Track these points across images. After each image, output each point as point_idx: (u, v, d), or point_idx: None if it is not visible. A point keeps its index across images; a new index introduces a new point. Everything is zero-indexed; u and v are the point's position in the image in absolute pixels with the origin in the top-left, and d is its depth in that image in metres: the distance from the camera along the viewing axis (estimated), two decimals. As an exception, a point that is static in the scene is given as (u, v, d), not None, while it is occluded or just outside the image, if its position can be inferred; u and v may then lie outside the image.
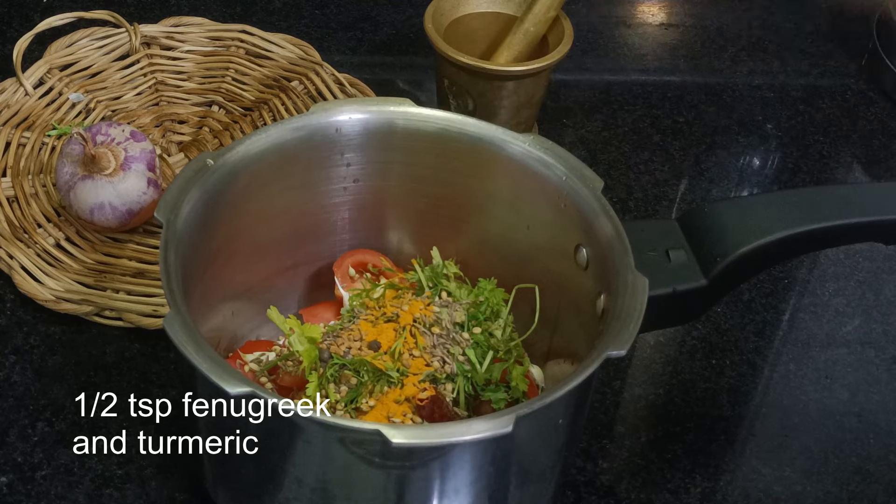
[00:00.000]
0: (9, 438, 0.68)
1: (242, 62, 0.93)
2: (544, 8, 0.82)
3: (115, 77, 0.91)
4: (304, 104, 0.89)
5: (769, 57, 1.04)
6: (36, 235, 0.79)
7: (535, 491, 0.64)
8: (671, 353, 0.77)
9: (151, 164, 0.77)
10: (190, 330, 0.55)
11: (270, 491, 0.60)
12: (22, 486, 0.66)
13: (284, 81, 0.91)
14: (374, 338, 0.64)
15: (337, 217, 0.71)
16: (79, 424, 0.69)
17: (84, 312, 0.74)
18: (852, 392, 0.76)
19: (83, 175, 0.76)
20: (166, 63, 0.93)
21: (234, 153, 0.64)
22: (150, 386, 0.72)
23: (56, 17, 0.93)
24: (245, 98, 0.91)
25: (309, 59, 0.93)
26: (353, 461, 0.56)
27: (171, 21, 0.95)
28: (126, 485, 0.67)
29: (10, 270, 0.76)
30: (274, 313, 0.65)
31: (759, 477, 0.71)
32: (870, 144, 0.96)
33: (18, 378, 0.72)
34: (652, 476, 0.70)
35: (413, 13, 1.02)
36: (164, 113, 0.89)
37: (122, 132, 0.77)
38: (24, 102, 0.88)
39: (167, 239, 0.60)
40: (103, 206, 0.76)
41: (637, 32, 1.06)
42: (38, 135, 0.85)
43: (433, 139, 0.67)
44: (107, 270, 0.77)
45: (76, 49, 0.92)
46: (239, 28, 0.95)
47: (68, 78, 0.90)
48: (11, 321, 0.75)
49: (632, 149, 0.93)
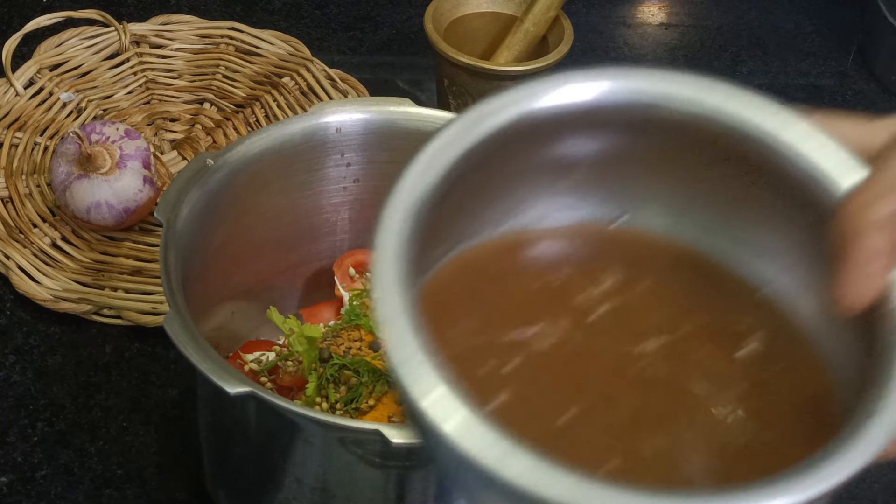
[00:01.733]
0: (9, 438, 0.68)
1: (232, 59, 0.93)
2: (544, 8, 0.82)
3: (105, 76, 0.91)
4: (296, 100, 0.90)
5: (769, 57, 1.04)
6: (32, 235, 0.79)
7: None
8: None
9: (146, 161, 0.77)
10: (190, 330, 0.55)
11: (270, 491, 0.60)
12: (22, 486, 0.66)
13: (275, 78, 0.92)
14: (373, 338, 0.64)
15: (337, 217, 0.71)
16: (79, 424, 0.69)
17: (83, 311, 0.74)
18: (852, 392, 0.76)
19: (79, 174, 0.76)
20: (156, 61, 0.93)
21: (233, 153, 0.64)
22: (150, 386, 0.72)
23: (44, 16, 0.93)
24: (236, 95, 0.91)
25: (299, 55, 0.93)
26: (353, 461, 0.56)
27: (159, 19, 0.95)
28: (126, 485, 0.67)
29: (7, 271, 0.76)
30: (274, 313, 0.65)
31: (759, 477, 0.71)
32: (869, 144, 0.96)
33: (18, 378, 0.72)
34: (652, 476, 0.70)
35: (413, 13, 1.02)
36: (155, 111, 0.89)
37: (117, 130, 0.77)
38: (15, 103, 0.88)
39: (167, 239, 0.60)
40: (100, 204, 0.76)
41: (637, 32, 1.06)
42: (31, 135, 0.85)
43: None
44: (104, 269, 0.77)
45: (66, 48, 0.92)
46: (228, 25, 0.95)
47: (58, 77, 0.90)
48: (11, 321, 0.75)
49: (631, 149, 0.93)
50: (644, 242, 0.48)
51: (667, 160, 0.46)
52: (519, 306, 0.46)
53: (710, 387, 0.43)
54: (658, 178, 0.47)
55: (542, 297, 0.46)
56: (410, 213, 0.40)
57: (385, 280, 0.37)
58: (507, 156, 0.45)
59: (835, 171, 0.41)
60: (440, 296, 0.44)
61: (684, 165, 0.46)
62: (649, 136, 0.45)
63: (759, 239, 0.47)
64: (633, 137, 0.46)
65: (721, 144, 0.43)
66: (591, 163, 0.47)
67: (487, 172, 0.45)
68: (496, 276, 0.47)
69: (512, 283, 0.46)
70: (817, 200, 0.41)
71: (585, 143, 0.46)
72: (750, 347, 0.45)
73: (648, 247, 0.48)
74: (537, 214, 0.48)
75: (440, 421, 0.33)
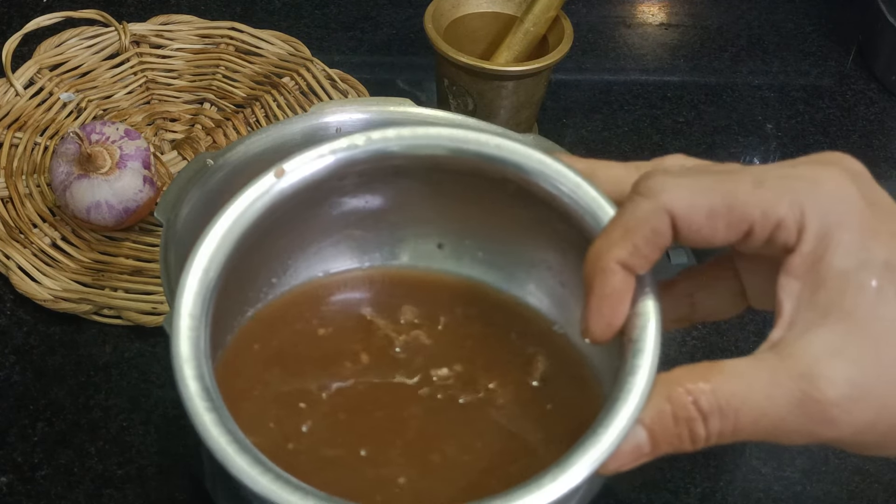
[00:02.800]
0: (9, 438, 0.68)
1: (232, 59, 0.93)
2: (544, 8, 0.82)
3: (105, 76, 0.91)
4: (296, 100, 0.90)
5: (769, 57, 1.04)
6: (32, 235, 0.79)
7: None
8: (671, 353, 0.77)
9: (146, 161, 0.77)
10: (190, 330, 0.55)
11: (270, 491, 0.60)
12: (22, 486, 0.66)
13: (276, 78, 0.92)
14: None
15: (336, 217, 0.71)
16: (79, 424, 0.69)
17: (83, 311, 0.74)
18: (852, 392, 0.76)
19: (79, 174, 0.76)
20: (156, 61, 0.93)
21: (234, 153, 0.64)
22: (150, 386, 0.72)
23: (44, 16, 0.93)
24: (236, 95, 0.91)
25: (299, 56, 0.94)
26: (353, 461, 0.56)
27: (159, 19, 0.95)
28: (126, 485, 0.67)
29: (7, 271, 0.76)
30: (273, 313, 0.65)
31: (759, 477, 0.71)
32: (870, 144, 0.96)
33: (18, 378, 0.72)
34: (652, 476, 0.70)
35: (413, 13, 1.02)
36: (155, 111, 0.89)
37: (117, 130, 0.77)
38: (15, 103, 0.88)
39: (167, 239, 0.60)
40: (100, 204, 0.76)
41: (637, 32, 1.06)
42: (31, 135, 0.85)
43: None
44: (104, 269, 0.77)
45: (65, 48, 0.92)
46: (228, 25, 0.95)
47: (58, 78, 0.90)
48: (11, 321, 0.75)
49: (632, 149, 0.93)
50: (435, 281, 0.53)
51: (455, 201, 0.51)
52: (322, 350, 0.50)
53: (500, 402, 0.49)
54: (453, 215, 0.52)
55: (344, 338, 0.50)
56: (204, 290, 0.45)
57: (182, 356, 0.43)
58: (299, 212, 0.49)
59: (594, 208, 0.45)
60: (246, 352, 0.50)
61: (470, 205, 0.51)
62: (431, 181, 0.50)
63: (545, 275, 0.52)
64: (424, 183, 0.50)
65: (510, 185, 0.48)
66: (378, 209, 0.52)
67: (280, 233, 0.50)
68: (296, 324, 0.51)
69: (313, 329, 0.51)
70: (588, 229, 0.45)
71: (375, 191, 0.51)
72: (538, 371, 0.50)
73: (440, 285, 0.53)
74: (334, 262, 0.53)
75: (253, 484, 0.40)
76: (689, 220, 0.41)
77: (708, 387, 0.39)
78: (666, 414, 0.40)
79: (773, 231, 0.40)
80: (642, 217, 0.41)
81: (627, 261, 0.41)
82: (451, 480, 0.46)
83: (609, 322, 0.42)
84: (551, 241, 0.50)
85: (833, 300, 0.40)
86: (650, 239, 0.41)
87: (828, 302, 0.40)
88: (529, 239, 0.51)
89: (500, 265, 0.52)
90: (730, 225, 0.41)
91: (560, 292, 0.51)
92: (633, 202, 0.42)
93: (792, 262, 0.41)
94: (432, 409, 0.48)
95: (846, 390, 0.39)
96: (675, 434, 0.40)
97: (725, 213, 0.40)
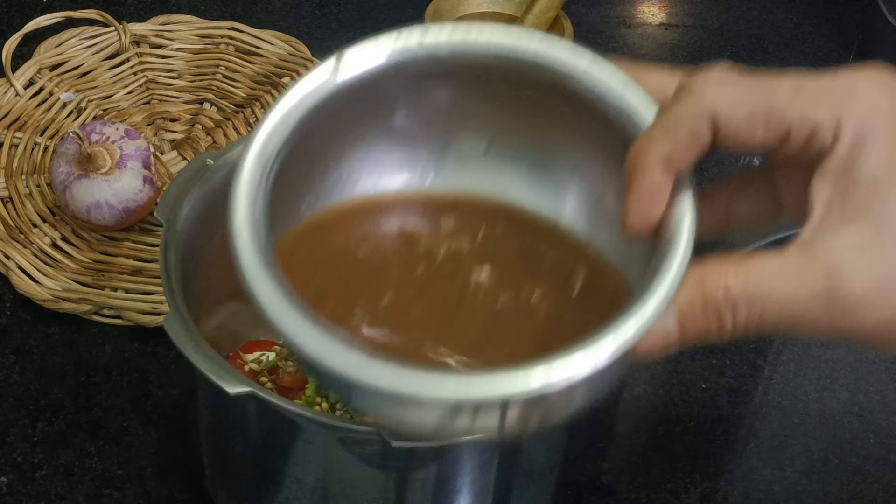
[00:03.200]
0: (9, 438, 0.68)
1: (232, 59, 0.94)
2: (544, 8, 0.82)
3: (105, 76, 0.91)
4: (297, 100, 0.90)
5: (769, 57, 1.04)
6: (32, 235, 0.79)
7: (536, 491, 0.63)
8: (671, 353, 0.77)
9: (146, 161, 0.77)
10: (190, 330, 0.55)
11: (270, 491, 0.60)
12: (22, 486, 0.66)
13: (275, 78, 0.92)
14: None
15: (336, 216, 0.71)
16: (79, 424, 0.69)
17: (83, 311, 0.74)
18: (852, 392, 0.76)
19: (79, 174, 0.76)
20: (156, 61, 0.93)
21: (234, 153, 0.64)
22: (150, 386, 0.72)
23: (44, 16, 0.93)
24: (236, 95, 0.91)
25: (299, 56, 0.94)
26: (353, 461, 0.56)
27: (159, 19, 0.95)
28: (126, 485, 0.67)
29: (7, 271, 0.76)
30: (274, 313, 0.65)
31: (759, 477, 0.71)
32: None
33: (18, 378, 0.72)
34: (652, 476, 0.70)
35: (413, 13, 1.02)
36: (155, 111, 0.89)
37: (117, 130, 0.77)
38: (15, 103, 0.88)
39: (167, 239, 0.60)
40: (100, 204, 0.76)
41: (637, 32, 1.06)
42: (31, 135, 0.85)
43: None
44: (104, 269, 0.77)
45: (65, 48, 0.92)
46: (228, 25, 0.96)
47: (58, 78, 0.90)
48: (11, 321, 0.75)
49: (631, 149, 0.93)
50: (478, 201, 0.53)
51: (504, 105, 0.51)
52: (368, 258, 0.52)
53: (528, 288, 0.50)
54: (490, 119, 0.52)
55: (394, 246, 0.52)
56: (264, 168, 0.45)
57: (242, 231, 0.43)
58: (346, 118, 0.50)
59: (640, 109, 0.46)
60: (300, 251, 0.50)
61: (517, 109, 0.51)
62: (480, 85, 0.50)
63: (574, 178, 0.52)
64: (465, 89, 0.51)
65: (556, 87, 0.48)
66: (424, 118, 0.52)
67: (328, 135, 0.50)
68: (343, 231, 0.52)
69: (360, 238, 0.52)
70: (630, 135, 0.46)
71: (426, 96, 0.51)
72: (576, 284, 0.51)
73: (482, 205, 0.53)
74: (380, 174, 0.53)
75: (324, 358, 0.40)
76: (729, 121, 0.42)
77: (738, 278, 0.41)
78: (696, 301, 0.41)
79: (810, 135, 0.42)
80: (684, 116, 0.43)
81: (668, 157, 0.43)
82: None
83: (647, 215, 0.43)
84: (594, 152, 0.51)
85: (862, 203, 0.41)
86: (691, 138, 0.42)
87: (857, 204, 0.41)
88: (573, 151, 0.52)
89: (540, 181, 0.53)
90: (769, 128, 0.42)
91: (597, 210, 0.52)
92: (677, 102, 0.43)
93: (825, 166, 0.42)
94: (474, 315, 0.49)
95: (869, 285, 0.41)
96: (703, 322, 0.42)
97: (765, 115, 0.42)
